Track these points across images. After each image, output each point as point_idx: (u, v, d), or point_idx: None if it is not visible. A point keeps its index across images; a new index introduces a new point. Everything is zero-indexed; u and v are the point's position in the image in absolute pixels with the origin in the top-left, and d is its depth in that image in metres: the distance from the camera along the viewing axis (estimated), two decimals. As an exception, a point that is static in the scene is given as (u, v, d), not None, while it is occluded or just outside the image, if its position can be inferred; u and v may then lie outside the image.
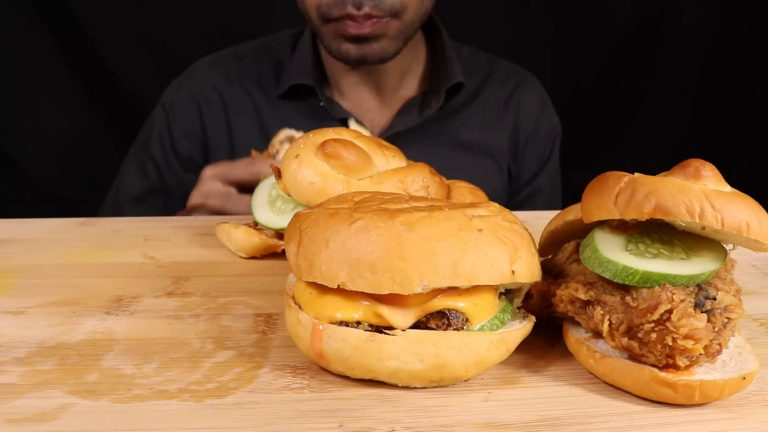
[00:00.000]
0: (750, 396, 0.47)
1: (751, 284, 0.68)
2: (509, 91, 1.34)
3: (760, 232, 0.44)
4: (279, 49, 1.31)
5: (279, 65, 1.29)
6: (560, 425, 0.43)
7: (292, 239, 0.48)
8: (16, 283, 0.65)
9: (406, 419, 0.43)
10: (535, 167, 1.35)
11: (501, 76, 1.35)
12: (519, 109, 1.33)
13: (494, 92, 1.33)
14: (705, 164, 0.47)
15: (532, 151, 1.34)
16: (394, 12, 1.08)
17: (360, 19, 1.06)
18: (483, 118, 1.30)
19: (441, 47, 1.29)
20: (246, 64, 1.30)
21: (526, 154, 1.33)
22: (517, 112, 1.33)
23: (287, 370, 0.49)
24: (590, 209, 0.49)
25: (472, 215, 0.46)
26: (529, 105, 1.34)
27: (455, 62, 1.27)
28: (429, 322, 0.45)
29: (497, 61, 1.38)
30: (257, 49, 1.33)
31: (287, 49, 1.30)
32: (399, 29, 1.12)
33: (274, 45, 1.32)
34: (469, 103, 1.30)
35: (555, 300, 0.51)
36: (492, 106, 1.31)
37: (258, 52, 1.32)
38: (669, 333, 0.43)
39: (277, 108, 1.25)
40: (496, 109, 1.32)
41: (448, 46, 1.29)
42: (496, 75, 1.35)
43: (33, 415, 0.42)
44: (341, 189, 0.66)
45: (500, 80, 1.34)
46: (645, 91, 1.99)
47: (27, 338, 0.53)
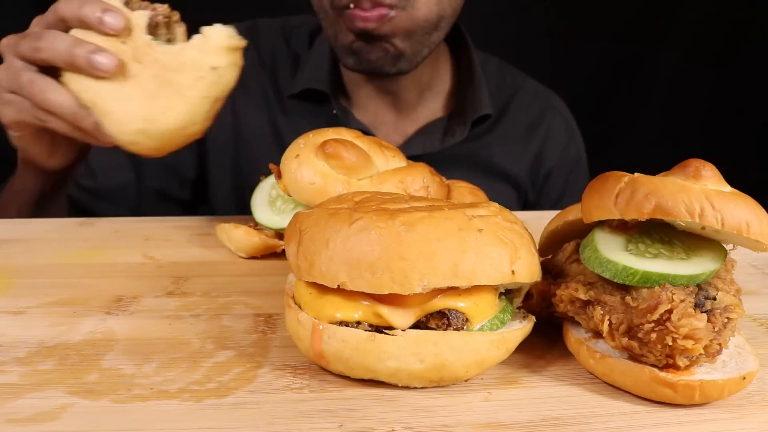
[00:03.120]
0: (750, 396, 0.47)
1: (751, 284, 0.68)
2: (534, 117, 1.26)
3: (760, 232, 0.44)
4: (297, 40, 1.24)
5: (295, 58, 1.22)
6: (560, 425, 0.43)
7: (292, 239, 0.48)
8: (16, 283, 0.65)
9: (406, 419, 0.43)
10: (557, 196, 1.29)
11: (527, 99, 1.28)
12: (545, 140, 1.26)
13: (518, 117, 1.25)
14: (705, 164, 0.47)
15: (555, 182, 1.28)
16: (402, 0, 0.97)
17: (366, 4, 0.97)
18: (506, 145, 1.22)
19: (469, 69, 1.20)
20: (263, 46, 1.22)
21: (551, 184, 1.27)
22: (543, 142, 1.26)
23: (287, 370, 0.49)
24: (590, 209, 0.49)
25: (472, 215, 0.46)
26: (555, 135, 1.27)
27: (484, 90, 1.19)
28: (429, 322, 0.45)
29: (524, 80, 1.31)
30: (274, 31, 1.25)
31: (305, 43, 1.23)
32: (407, 28, 1.00)
33: (293, 34, 1.25)
34: (491, 129, 1.22)
35: (555, 300, 0.51)
36: (516, 133, 1.24)
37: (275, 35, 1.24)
38: (669, 333, 0.43)
39: (288, 106, 1.18)
40: (520, 137, 1.25)
41: (478, 69, 1.20)
42: (522, 97, 1.27)
43: (33, 415, 0.42)
44: (341, 189, 0.66)
45: (525, 104, 1.27)
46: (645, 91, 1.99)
47: (27, 338, 0.53)
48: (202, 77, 0.66)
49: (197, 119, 0.67)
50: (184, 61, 0.66)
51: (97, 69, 0.65)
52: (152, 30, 0.68)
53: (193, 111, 0.67)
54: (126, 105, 0.66)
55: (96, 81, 0.66)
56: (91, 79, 0.66)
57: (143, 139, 0.67)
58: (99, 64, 0.65)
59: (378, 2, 0.97)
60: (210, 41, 0.66)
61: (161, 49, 0.66)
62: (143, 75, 0.66)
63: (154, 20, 0.68)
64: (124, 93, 0.66)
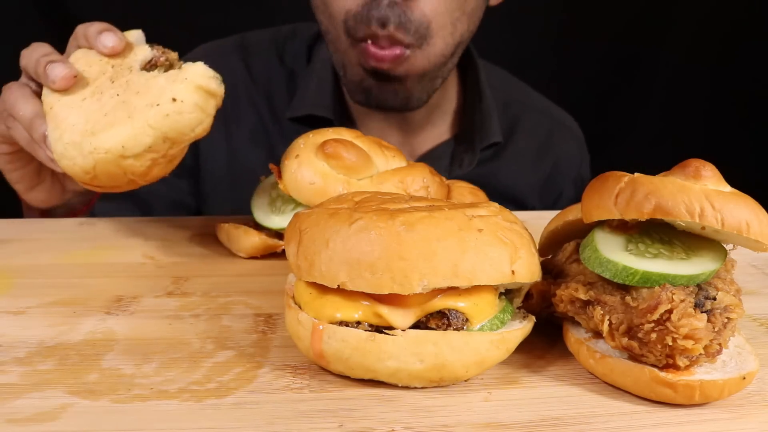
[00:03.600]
0: (750, 396, 0.47)
1: (751, 284, 0.68)
2: (543, 138, 1.21)
3: (760, 232, 0.44)
4: (292, 54, 1.16)
5: (290, 75, 1.14)
6: (560, 425, 0.43)
7: (292, 239, 0.48)
8: (16, 283, 0.65)
9: (406, 419, 0.43)
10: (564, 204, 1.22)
11: (534, 117, 1.22)
12: (557, 162, 1.21)
13: (527, 139, 1.20)
14: (705, 164, 0.47)
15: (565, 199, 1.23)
16: (420, 35, 0.91)
17: (383, 42, 0.91)
18: (514, 169, 1.17)
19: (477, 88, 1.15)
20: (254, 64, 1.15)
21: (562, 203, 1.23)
22: (555, 165, 1.21)
23: (287, 370, 0.49)
24: (590, 209, 0.49)
25: (472, 215, 0.46)
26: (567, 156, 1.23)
27: (494, 114, 1.14)
28: (429, 322, 0.45)
29: (529, 95, 1.26)
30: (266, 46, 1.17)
31: (301, 57, 1.15)
32: (424, 69, 0.96)
33: (286, 48, 1.17)
34: (499, 154, 1.16)
35: (555, 300, 0.51)
36: (525, 155, 1.19)
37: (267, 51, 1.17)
38: (669, 333, 0.43)
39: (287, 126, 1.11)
40: (529, 160, 1.19)
41: (486, 90, 1.14)
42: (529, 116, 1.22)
43: (33, 415, 0.42)
44: (341, 189, 0.66)
45: (533, 123, 1.22)
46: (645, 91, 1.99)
47: (27, 338, 0.53)
48: (157, 105, 0.60)
49: (134, 150, 0.60)
50: (150, 86, 0.61)
51: (49, 77, 0.64)
52: (150, 67, 0.65)
53: (132, 138, 0.60)
54: (75, 115, 0.63)
55: (63, 93, 0.64)
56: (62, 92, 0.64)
57: (75, 153, 0.61)
58: (51, 72, 0.64)
59: (397, 41, 0.91)
60: (183, 74, 0.61)
61: (138, 73, 0.64)
62: (108, 93, 0.63)
63: (155, 59, 0.65)
64: (81, 105, 0.63)
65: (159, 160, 0.62)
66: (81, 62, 0.66)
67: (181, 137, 0.61)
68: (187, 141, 0.63)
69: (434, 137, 1.16)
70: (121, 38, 0.66)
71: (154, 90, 0.61)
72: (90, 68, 0.66)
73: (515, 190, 1.18)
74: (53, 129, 0.63)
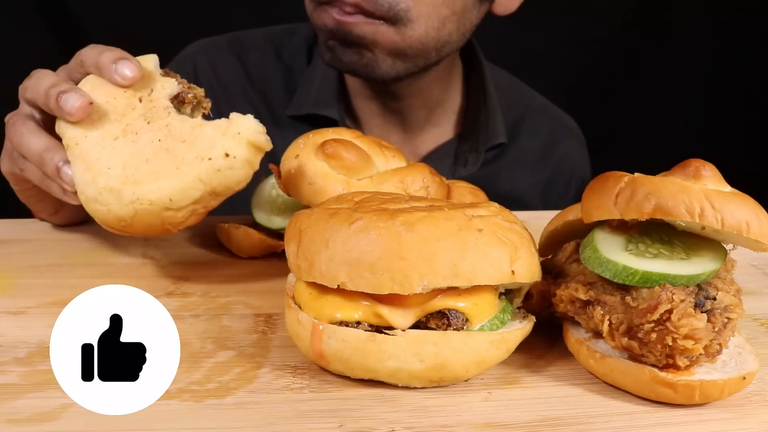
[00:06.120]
0: (750, 396, 0.47)
1: (751, 284, 0.69)
2: (545, 140, 1.20)
3: (760, 232, 0.44)
4: (290, 51, 1.13)
5: (288, 72, 1.12)
6: (560, 425, 0.43)
7: (292, 239, 0.48)
8: (16, 283, 0.64)
9: (406, 419, 0.43)
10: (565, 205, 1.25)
11: (536, 119, 1.21)
12: (559, 164, 1.20)
13: (530, 141, 1.19)
14: (705, 164, 0.47)
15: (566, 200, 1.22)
16: (392, 15, 0.87)
17: (347, 8, 0.87)
18: (517, 171, 1.16)
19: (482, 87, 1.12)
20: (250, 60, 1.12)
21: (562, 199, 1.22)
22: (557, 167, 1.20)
23: (287, 370, 0.49)
24: (590, 209, 0.49)
25: (472, 215, 0.46)
26: (570, 158, 1.22)
27: (499, 115, 1.12)
28: (429, 322, 0.45)
29: (532, 98, 1.25)
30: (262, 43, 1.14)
31: (301, 55, 1.13)
32: (395, 45, 0.91)
33: (283, 45, 1.14)
34: (502, 155, 1.15)
35: (555, 300, 0.51)
36: (527, 157, 1.18)
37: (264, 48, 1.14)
38: (669, 333, 0.43)
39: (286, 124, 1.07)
40: (531, 162, 1.18)
41: (491, 89, 1.11)
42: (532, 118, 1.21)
43: (33, 415, 0.42)
44: (341, 189, 0.66)
45: (536, 125, 1.20)
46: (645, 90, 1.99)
47: (27, 338, 0.53)
48: (208, 159, 0.57)
49: (180, 204, 0.57)
50: (198, 136, 0.58)
51: (64, 110, 0.58)
52: (177, 104, 0.61)
53: (181, 192, 0.57)
54: (109, 156, 0.58)
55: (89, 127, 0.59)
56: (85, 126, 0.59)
57: (112, 200, 0.57)
58: (65, 104, 0.58)
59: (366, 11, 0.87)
60: (234, 127, 0.58)
61: (178, 116, 0.59)
62: (145, 135, 0.58)
63: (183, 95, 0.61)
64: (114, 145, 0.58)
65: (199, 211, 0.60)
66: (100, 92, 0.61)
67: (227, 191, 0.59)
68: (230, 194, 0.60)
69: (437, 137, 1.15)
70: (139, 67, 0.60)
71: (203, 141, 0.58)
72: (114, 100, 0.60)
73: (517, 191, 1.17)
74: (84, 170, 0.58)
